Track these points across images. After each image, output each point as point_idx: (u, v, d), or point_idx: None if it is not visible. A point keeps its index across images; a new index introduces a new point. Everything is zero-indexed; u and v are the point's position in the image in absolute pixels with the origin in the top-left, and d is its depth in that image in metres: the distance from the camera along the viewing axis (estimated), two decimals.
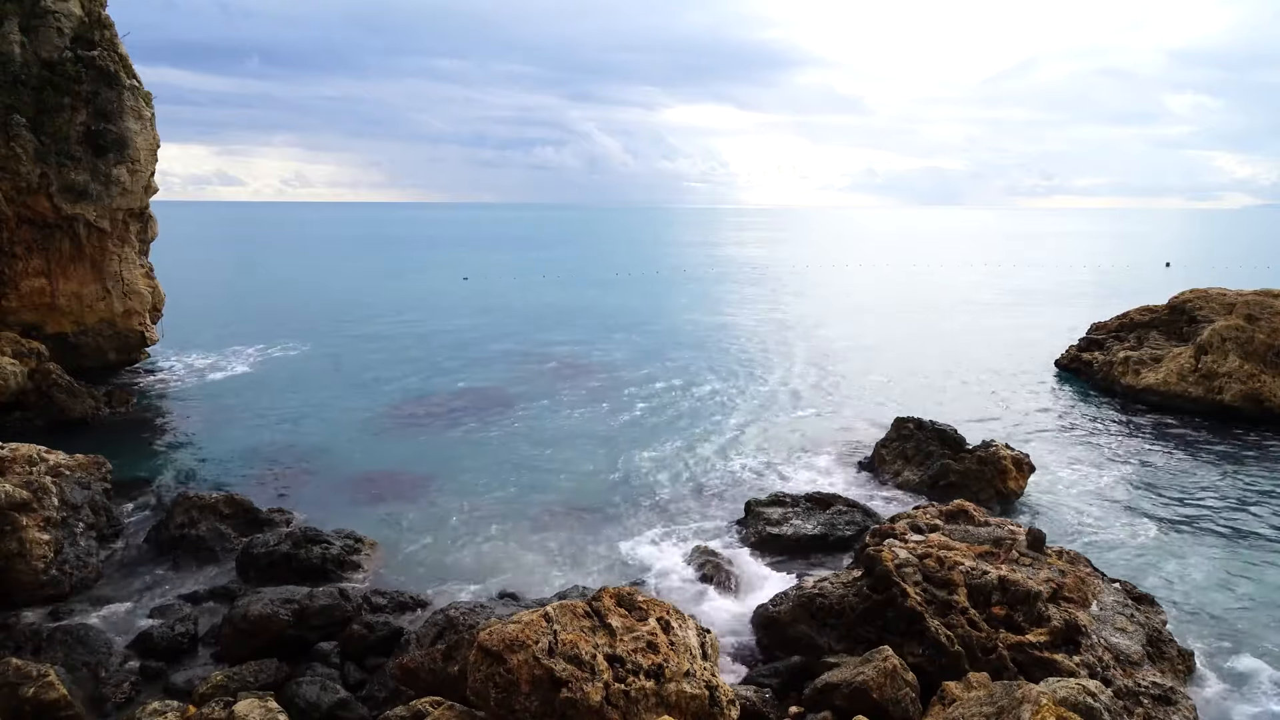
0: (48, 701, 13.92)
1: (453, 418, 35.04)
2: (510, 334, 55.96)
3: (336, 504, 25.19)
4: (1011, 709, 11.38)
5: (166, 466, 28.57)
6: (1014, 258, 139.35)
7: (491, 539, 22.76)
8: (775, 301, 76.47)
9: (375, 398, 38.20)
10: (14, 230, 35.81)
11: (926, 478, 26.21)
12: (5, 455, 20.69)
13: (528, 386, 40.53)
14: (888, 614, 15.85)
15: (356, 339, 53.38)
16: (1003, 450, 26.30)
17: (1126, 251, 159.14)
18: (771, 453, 30.52)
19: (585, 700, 11.49)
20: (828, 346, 51.89)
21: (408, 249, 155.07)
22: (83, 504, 21.49)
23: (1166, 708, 14.19)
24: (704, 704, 12.23)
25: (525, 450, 30.50)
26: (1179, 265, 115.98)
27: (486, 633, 12.31)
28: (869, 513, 23.20)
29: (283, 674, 15.78)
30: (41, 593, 18.56)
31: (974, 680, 13.77)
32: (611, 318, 64.26)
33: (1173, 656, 16.13)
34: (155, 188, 40.51)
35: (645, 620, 13.00)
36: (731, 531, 23.18)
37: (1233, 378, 34.87)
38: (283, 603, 17.11)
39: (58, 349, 36.49)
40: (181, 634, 17.25)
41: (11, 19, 35.03)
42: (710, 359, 47.89)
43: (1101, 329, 45.56)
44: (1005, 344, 52.67)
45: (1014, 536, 18.45)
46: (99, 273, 38.45)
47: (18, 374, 32.39)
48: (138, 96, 38.29)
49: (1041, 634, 15.11)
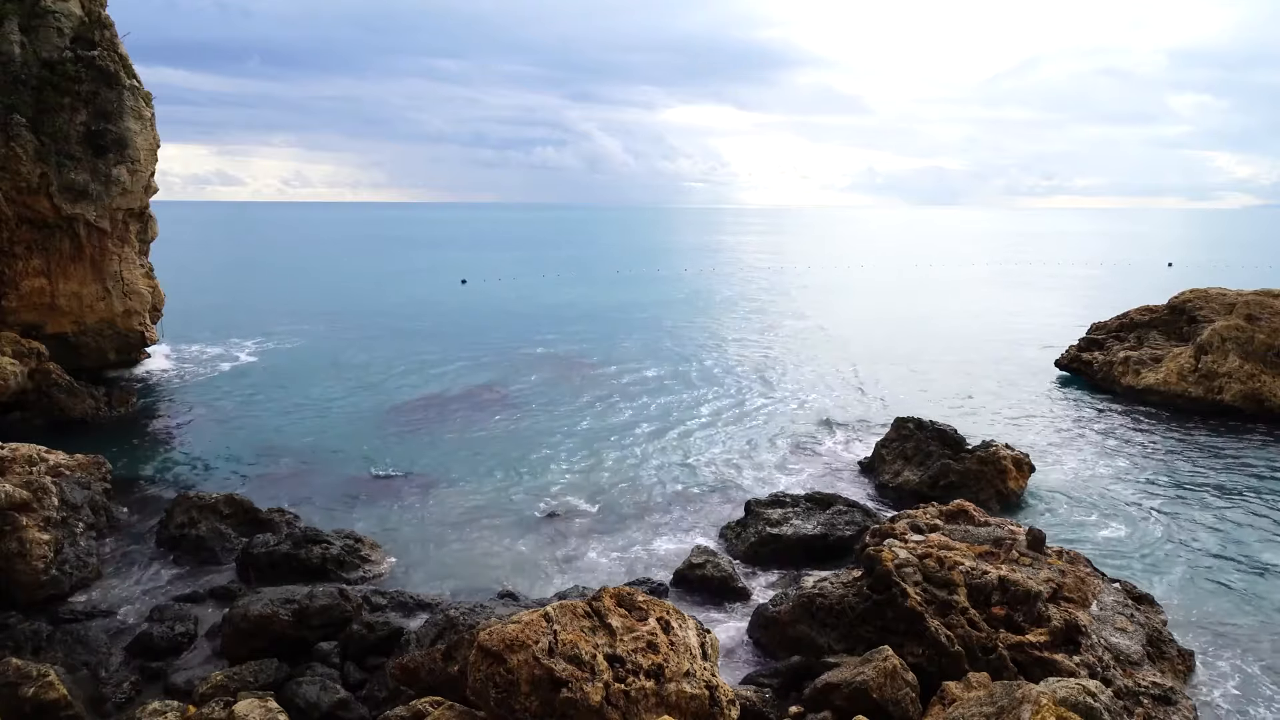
0: (48, 701, 13.92)
1: (453, 418, 35.04)
2: (510, 334, 55.98)
3: (336, 504, 25.20)
4: (1011, 709, 11.38)
5: (166, 466, 28.58)
6: (1014, 258, 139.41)
7: (492, 539, 22.76)
8: (776, 302, 76.48)
9: (375, 398, 38.20)
10: (14, 230, 35.82)
11: (926, 478, 26.20)
12: (5, 455, 20.69)
13: (527, 386, 40.54)
14: (888, 614, 15.84)
15: (356, 339, 53.39)
16: (1003, 450, 26.30)
17: (1127, 251, 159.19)
18: (771, 453, 30.52)
19: (585, 700, 11.48)
20: (828, 346, 51.90)
21: (408, 249, 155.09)
22: (83, 504, 21.50)
23: (1166, 708, 14.19)
24: (704, 704, 12.23)
25: (525, 450, 30.50)
26: (1179, 265, 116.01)
27: (486, 633, 12.31)
28: (869, 513, 23.20)
29: (283, 674, 15.78)
30: (41, 593, 18.57)
31: (974, 680, 13.77)
32: (612, 318, 64.28)
33: (1173, 656, 16.14)
34: (155, 188, 40.52)
35: (645, 620, 13.00)
36: (732, 531, 23.16)
37: (1233, 378, 34.88)
38: (283, 603, 17.10)
39: (58, 349, 36.49)
40: (181, 634, 17.26)
41: (11, 19, 35.04)
42: (710, 359, 47.90)
43: (1101, 329, 45.55)
44: (1005, 344, 52.68)
45: (1014, 536, 18.45)
46: (99, 273, 38.46)
47: (18, 374, 32.39)
48: (138, 96, 38.29)
49: (1041, 634, 15.11)
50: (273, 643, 16.53)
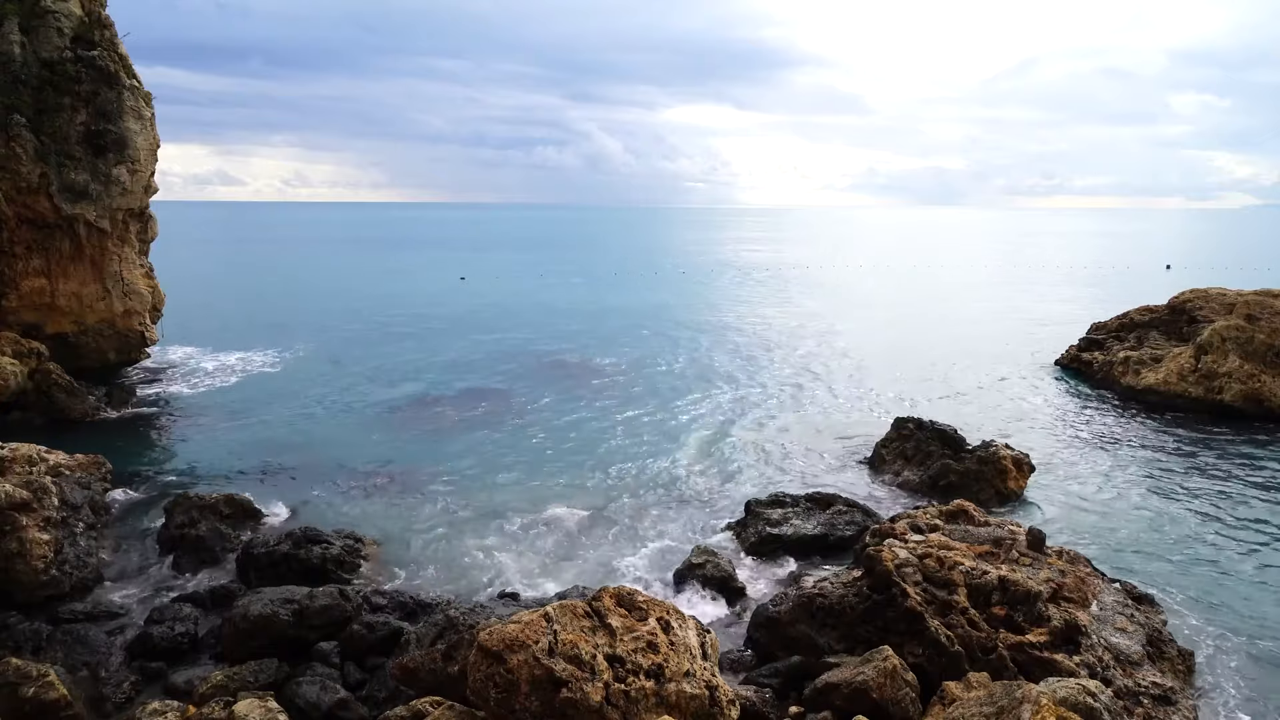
0: (48, 701, 13.92)
1: (453, 417, 35.04)
2: (509, 334, 55.99)
3: (336, 504, 25.20)
4: (1011, 709, 11.38)
5: (166, 466, 28.58)
6: (1014, 258, 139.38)
7: (491, 539, 22.76)
8: (776, 301, 76.49)
9: (375, 398, 38.20)
10: (14, 230, 35.81)
11: (926, 478, 26.21)
12: (5, 455, 20.68)
13: (526, 386, 40.53)
14: (888, 614, 15.84)
15: (355, 339, 53.39)
16: (1003, 450, 26.30)
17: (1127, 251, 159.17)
18: (771, 453, 30.52)
19: (585, 700, 11.48)
20: (828, 346, 51.89)
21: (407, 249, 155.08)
22: (83, 504, 21.49)
23: (1166, 708, 14.20)
24: (704, 704, 12.23)
25: (525, 450, 30.51)
26: (1179, 265, 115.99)
27: (486, 633, 12.31)
28: (869, 513, 23.19)
29: (283, 674, 15.78)
30: (41, 593, 18.56)
31: (974, 680, 13.77)
32: (612, 318, 64.27)
33: (1173, 656, 16.13)
34: (155, 188, 40.49)
35: (645, 620, 12.99)
36: (732, 531, 23.17)
37: (1233, 378, 34.87)
38: (283, 603, 17.11)
39: (58, 349, 36.48)
40: (181, 634, 17.25)
41: (11, 19, 35.02)
42: (710, 359, 47.90)
43: (1102, 329, 45.57)
44: (1005, 344, 52.66)
45: (1014, 536, 18.45)
46: (99, 273, 38.44)
47: (18, 374, 32.40)
48: (137, 96, 38.26)
49: (1041, 634, 15.11)
50: (273, 643, 16.53)
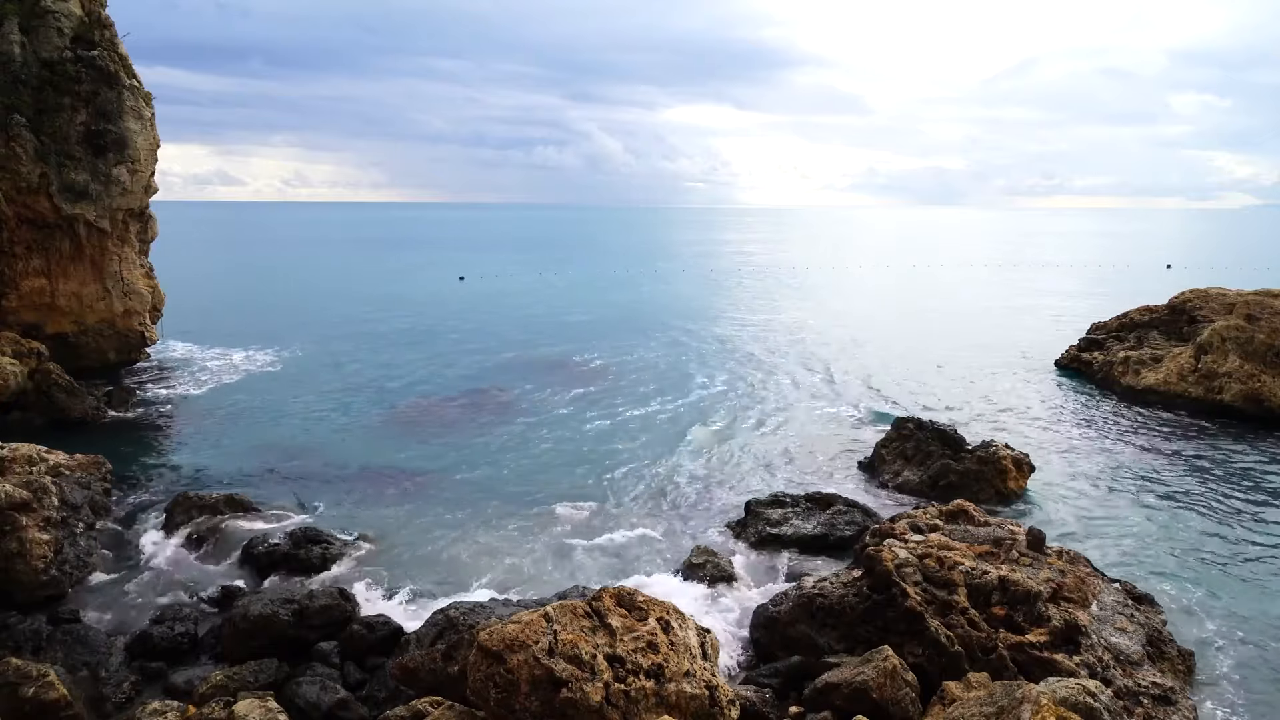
0: (48, 701, 13.92)
1: (452, 418, 35.04)
2: (509, 334, 55.97)
3: (337, 504, 25.19)
4: (1011, 709, 11.38)
5: (166, 466, 28.58)
6: (1014, 258, 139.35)
7: (491, 539, 22.75)
8: (776, 301, 76.48)
9: (375, 398, 38.20)
10: (14, 230, 35.83)
11: (926, 478, 26.21)
12: (5, 455, 20.69)
13: (526, 386, 40.52)
14: (888, 614, 15.84)
15: (355, 339, 53.37)
16: (1003, 450, 26.30)
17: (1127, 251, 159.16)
18: (771, 452, 30.51)
19: (585, 700, 11.48)
20: (828, 346, 51.89)
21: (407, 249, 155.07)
22: (83, 504, 21.49)
23: (1166, 708, 14.20)
24: (704, 704, 12.23)
25: (525, 450, 30.50)
26: (1179, 265, 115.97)
27: (486, 633, 12.31)
28: (869, 513, 23.19)
29: (283, 674, 15.79)
30: (41, 593, 18.57)
31: (974, 680, 13.77)
32: (611, 318, 64.26)
33: (1173, 656, 16.13)
34: (155, 188, 40.51)
35: (645, 620, 13.00)
36: (731, 531, 23.17)
37: (1233, 378, 34.86)
38: (283, 603, 17.12)
39: (58, 349, 36.49)
40: (181, 634, 17.25)
41: (11, 19, 35.03)
42: (710, 358, 47.90)
43: (1101, 329, 45.56)
44: (1005, 344, 52.65)
45: (1014, 536, 18.45)
46: (99, 273, 38.46)
47: (18, 374, 32.40)
48: (137, 96, 38.28)
49: (1041, 634, 15.11)
50: (273, 643, 16.53)
